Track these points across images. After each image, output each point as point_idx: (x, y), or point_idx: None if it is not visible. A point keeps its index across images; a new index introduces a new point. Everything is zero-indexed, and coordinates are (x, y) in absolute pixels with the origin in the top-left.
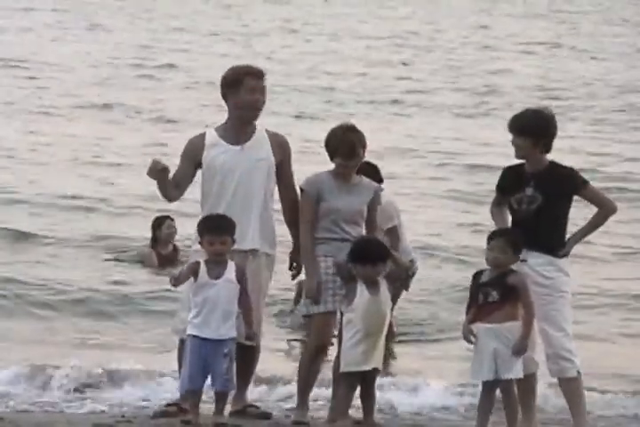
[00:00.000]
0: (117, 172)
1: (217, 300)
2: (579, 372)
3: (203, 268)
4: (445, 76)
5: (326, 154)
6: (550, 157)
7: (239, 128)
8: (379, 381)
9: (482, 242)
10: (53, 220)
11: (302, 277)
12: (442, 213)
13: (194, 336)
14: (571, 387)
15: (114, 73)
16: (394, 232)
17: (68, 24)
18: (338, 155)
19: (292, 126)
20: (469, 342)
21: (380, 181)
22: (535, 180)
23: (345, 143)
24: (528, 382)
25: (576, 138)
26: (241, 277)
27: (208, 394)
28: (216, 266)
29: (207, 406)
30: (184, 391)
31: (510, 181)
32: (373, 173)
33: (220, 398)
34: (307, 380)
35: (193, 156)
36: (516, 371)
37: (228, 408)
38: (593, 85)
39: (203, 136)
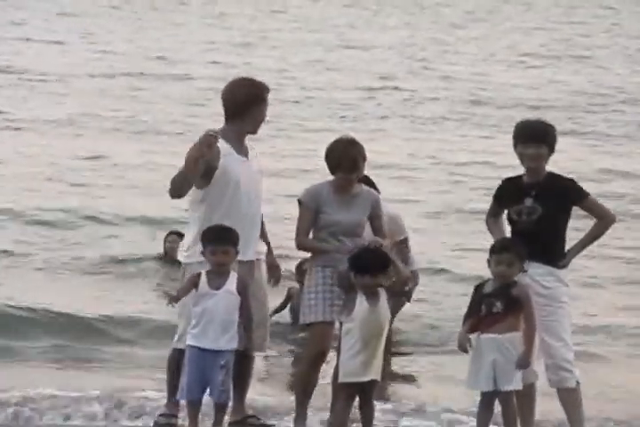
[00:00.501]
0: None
1: (216, 310)
2: (577, 382)
3: (203, 278)
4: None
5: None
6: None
7: (243, 141)
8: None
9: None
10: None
11: (292, 283)
12: None
13: (192, 347)
14: (570, 397)
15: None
16: (404, 244)
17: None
18: (340, 169)
19: None
20: (465, 351)
21: None
22: (535, 191)
23: (347, 157)
24: (527, 392)
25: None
26: (242, 289)
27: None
28: (217, 276)
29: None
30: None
31: (509, 192)
32: (369, 185)
33: (220, 410)
34: (305, 390)
35: (209, 160)
36: (515, 382)
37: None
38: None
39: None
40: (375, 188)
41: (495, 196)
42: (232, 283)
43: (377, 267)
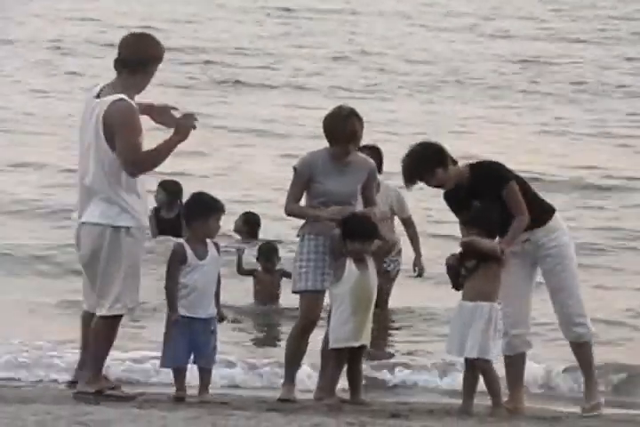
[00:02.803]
0: None
1: (206, 280)
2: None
3: (188, 250)
4: None
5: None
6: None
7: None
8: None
9: None
10: None
11: None
12: None
13: (183, 317)
14: (584, 351)
15: None
16: (410, 221)
17: None
18: (340, 141)
19: None
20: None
21: (380, 164)
22: (469, 190)
23: (349, 130)
24: (517, 361)
25: None
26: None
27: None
28: (200, 246)
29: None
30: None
31: (455, 204)
32: (376, 158)
33: (205, 376)
34: (294, 357)
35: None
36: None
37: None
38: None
39: None
40: (381, 161)
41: (452, 211)
42: (213, 250)
43: (366, 233)
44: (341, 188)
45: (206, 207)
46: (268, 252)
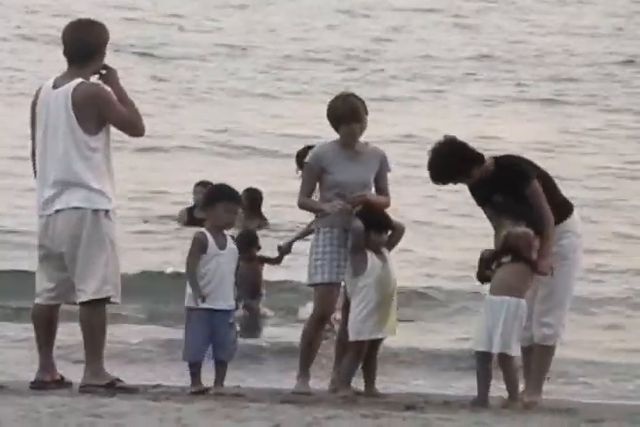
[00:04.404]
0: None
1: (226, 270)
2: (556, 343)
3: (210, 239)
4: None
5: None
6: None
7: None
8: None
9: None
10: None
11: None
12: None
13: (204, 309)
14: (543, 355)
15: None
16: None
17: None
18: (343, 120)
19: None
20: None
21: None
22: (491, 184)
23: (349, 107)
24: (538, 351)
25: None
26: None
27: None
28: (220, 236)
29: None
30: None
31: (480, 198)
32: None
33: (222, 369)
34: (309, 350)
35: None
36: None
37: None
38: None
39: None
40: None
41: (477, 204)
42: (230, 240)
43: (388, 224)
44: (354, 178)
45: (213, 195)
46: (249, 238)
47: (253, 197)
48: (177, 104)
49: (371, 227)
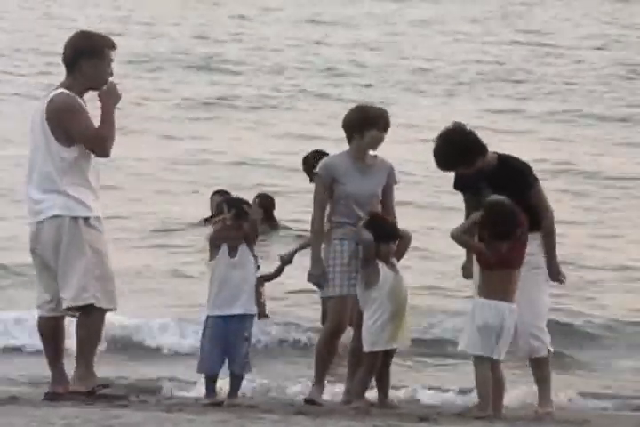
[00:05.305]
0: None
1: (239, 275)
2: (549, 351)
3: (224, 246)
4: None
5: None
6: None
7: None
8: None
9: None
10: None
11: None
12: None
13: (217, 317)
14: (540, 366)
15: None
16: None
17: None
18: (372, 127)
19: None
20: None
21: None
22: (489, 180)
23: (379, 115)
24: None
25: None
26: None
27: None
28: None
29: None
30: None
31: (466, 185)
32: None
33: (236, 382)
34: (324, 362)
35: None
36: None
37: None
38: None
39: None
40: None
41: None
42: (244, 248)
43: (396, 233)
44: (364, 190)
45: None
46: None
47: (268, 203)
48: None
49: (380, 237)
